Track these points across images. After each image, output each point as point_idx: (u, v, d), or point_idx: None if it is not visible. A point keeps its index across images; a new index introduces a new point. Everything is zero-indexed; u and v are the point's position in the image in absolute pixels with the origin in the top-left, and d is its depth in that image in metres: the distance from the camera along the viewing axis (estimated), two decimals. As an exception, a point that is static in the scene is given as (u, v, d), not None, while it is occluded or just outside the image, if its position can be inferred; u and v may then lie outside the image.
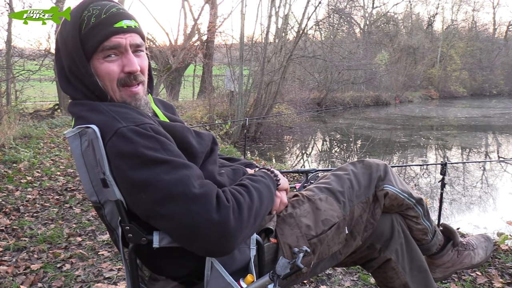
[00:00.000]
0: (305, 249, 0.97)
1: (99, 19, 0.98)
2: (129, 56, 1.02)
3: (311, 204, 1.19)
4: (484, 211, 5.42)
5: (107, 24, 0.99)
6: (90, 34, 0.98)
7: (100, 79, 1.01)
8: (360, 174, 1.27)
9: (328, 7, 19.63)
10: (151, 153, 0.90)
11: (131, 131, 0.91)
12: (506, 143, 11.65)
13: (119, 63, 1.02)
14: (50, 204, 3.56)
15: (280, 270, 0.93)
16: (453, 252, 1.42)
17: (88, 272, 2.30)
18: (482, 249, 1.46)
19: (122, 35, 1.00)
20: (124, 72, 1.02)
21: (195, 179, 0.92)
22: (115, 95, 1.03)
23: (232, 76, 11.02)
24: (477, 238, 1.52)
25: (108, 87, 1.02)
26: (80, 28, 0.99)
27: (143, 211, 0.93)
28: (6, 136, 5.86)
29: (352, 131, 11.33)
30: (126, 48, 1.01)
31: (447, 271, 1.42)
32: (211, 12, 14.85)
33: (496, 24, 35.98)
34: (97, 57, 1.00)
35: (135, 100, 1.05)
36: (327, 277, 2.24)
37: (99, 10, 0.99)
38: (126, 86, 1.03)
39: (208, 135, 1.20)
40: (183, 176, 0.90)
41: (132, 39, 1.02)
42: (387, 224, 1.29)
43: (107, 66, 1.01)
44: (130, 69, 1.01)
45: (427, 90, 29.12)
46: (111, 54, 1.00)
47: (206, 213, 0.87)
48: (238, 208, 0.93)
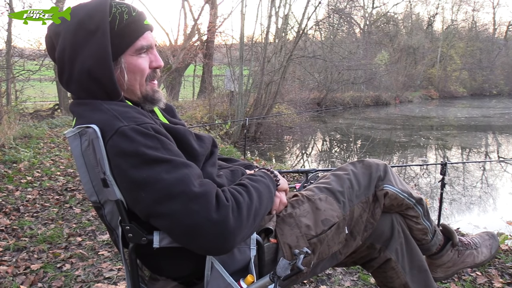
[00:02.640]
0: (305, 250, 0.97)
1: (132, 17, 1.03)
2: (155, 52, 1.09)
3: (311, 204, 1.19)
4: (484, 211, 5.42)
5: (140, 21, 1.04)
6: (127, 30, 1.01)
7: (129, 74, 1.04)
8: (360, 174, 1.27)
9: (328, 7, 19.67)
10: (152, 152, 0.90)
11: (132, 130, 0.92)
12: (506, 143, 11.65)
13: (147, 59, 1.07)
14: (50, 204, 3.56)
15: (281, 272, 0.93)
16: (453, 252, 1.41)
17: (88, 272, 2.30)
18: (486, 247, 1.46)
19: (150, 33, 1.07)
20: (151, 68, 1.08)
21: (195, 178, 0.93)
22: (141, 89, 1.08)
23: (232, 76, 11.02)
24: (481, 236, 1.51)
25: (137, 81, 1.06)
26: (112, 24, 1.00)
27: (142, 210, 0.93)
28: (6, 136, 5.86)
29: (352, 131, 11.32)
30: (153, 45, 1.08)
31: (449, 271, 1.42)
32: (211, 12, 14.85)
33: (496, 24, 36.02)
34: (131, 53, 1.04)
35: (155, 92, 1.11)
36: (327, 277, 2.24)
37: (126, 7, 1.03)
38: (152, 80, 1.10)
39: (209, 138, 1.21)
40: (183, 175, 0.91)
41: (153, 37, 1.09)
42: (387, 224, 1.29)
43: (141, 62, 1.05)
44: (158, 64, 1.08)
45: (427, 90, 29.13)
46: (144, 50, 1.05)
47: (205, 212, 0.88)
48: (237, 207, 0.93)
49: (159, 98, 1.12)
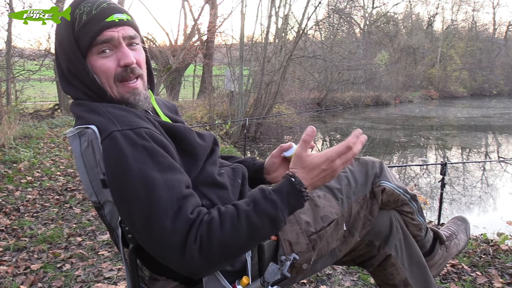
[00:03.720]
0: (293, 256, 0.95)
1: (90, 15, 0.98)
2: (123, 49, 1.00)
3: (310, 201, 1.19)
4: (484, 211, 5.43)
5: (98, 19, 0.98)
6: (83, 31, 0.97)
7: (97, 77, 1.00)
8: (356, 171, 1.28)
9: (328, 7, 19.68)
10: (137, 165, 0.88)
11: (123, 136, 0.90)
12: (506, 143, 11.65)
13: (114, 58, 1.00)
14: (50, 204, 3.56)
15: (269, 277, 0.91)
16: (442, 249, 1.44)
17: (88, 272, 2.30)
18: (462, 232, 1.50)
19: (114, 29, 0.98)
20: (120, 66, 1.00)
21: (173, 203, 0.87)
22: (113, 91, 1.01)
23: (232, 76, 11.02)
24: (454, 223, 1.56)
25: (106, 84, 1.01)
26: (73, 27, 0.98)
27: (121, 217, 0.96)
28: (6, 136, 5.86)
29: (352, 131, 11.27)
30: (119, 41, 0.99)
31: (440, 267, 1.45)
32: (211, 12, 14.87)
33: (496, 24, 36.07)
34: (92, 54, 0.99)
35: (134, 95, 1.02)
36: (327, 277, 2.24)
37: (89, 7, 0.99)
38: (124, 81, 1.01)
39: (210, 136, 1.20)
40: (159, 200, 0.87)
41: (124, 31, 1.00)
42: (385, 221, 1.30)
43: (103, 62, 0.99)
44: (125, 61, 0.99)
45: (427, 90, 29.14)
46: (105, 49, 0.99)
47: (171, 250, 0.85)
48: (208, 247, 0.86)
49: (136, 102, 1.02)
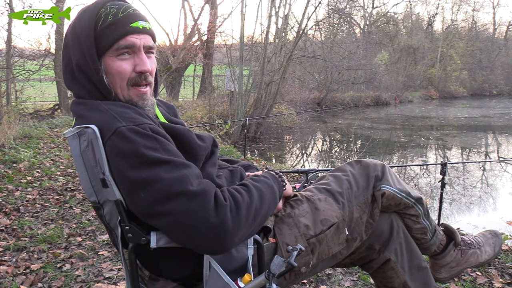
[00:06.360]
0: (299, 247, 0.98)
1: (117, 17, 1.00)
2: (142, 56, 1.03)
3: (310, 204, 1.19)
4: (484, 211, 5.42)
5: (124, 23, 1.00)
6: (106, 31, 0.99)
7: (109, 77, 1.02)
8: (358, 175, 1.27)
9: (328, 7, 19.66)
10: (151, 152, 0.91)
11: (130, 131, 0.92)
12: (506, 143, 11.65)
13: (131, 62, 1.03)
14: (50, 204, 3.56)
15: (275, 269, 0.93)
16: (456, 252, 1.40)
17: (88, 272, 2.30)
18: (489, 246, 1.44)
19: (137, 35, 1.02)
20: (135, 72, 1.03)
21: (193, 178, 0.93)
22: (123, 93, 1.04)
23: (232, 76, 11.01)
24: (484, 235, 1.49)
25: (117, 84, 1.03)
26: (96, 25, 1.00)
27: (141, 210, 0.94)
28: (6, 136, 5.86)
29: (352, 131, 11.31)
30: (140, 48, 1.02)
31: (453, 271, 1.41)
32: (211, 12, 14.86)
33: (496, 24, 36.05)
34: (110, 54, 1.01)
35: (142, 100, 1.05)
36: (327, 277, 2.24)
37: (116, 9, 1.01)
38: (136, 85, 1.04)
39: (209, 137, 1.21)
40: (182, 175, 0.91)
41: (146, 40, 1.04)
42: (386, 225, 1.29)
43: (120, 64, 1.01)
44: (142, 68, 1.02)
45: (427, 90, 29.13)
46: (125, 53, 1.01)
47: (203, 212, 0.88)
48: (236, 207, 0.93)
49: (144, 106, 1.05)
